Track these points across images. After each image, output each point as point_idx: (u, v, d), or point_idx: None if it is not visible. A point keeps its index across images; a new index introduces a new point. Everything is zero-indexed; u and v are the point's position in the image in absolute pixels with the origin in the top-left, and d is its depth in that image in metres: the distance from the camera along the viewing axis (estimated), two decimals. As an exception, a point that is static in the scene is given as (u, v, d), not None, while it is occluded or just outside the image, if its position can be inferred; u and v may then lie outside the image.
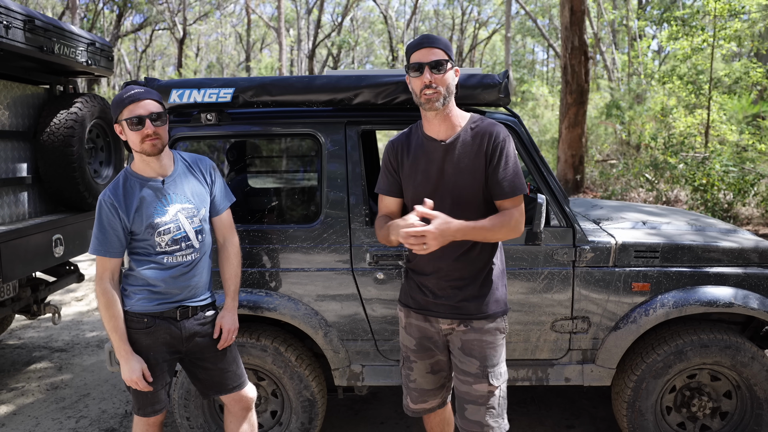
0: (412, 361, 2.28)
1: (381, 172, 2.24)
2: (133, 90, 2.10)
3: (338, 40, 32.08)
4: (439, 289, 2.15)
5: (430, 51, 1.99)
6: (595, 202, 3.81)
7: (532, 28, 29.83)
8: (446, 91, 2.01)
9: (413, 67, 2.01)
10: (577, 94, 10.78)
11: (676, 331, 2.79)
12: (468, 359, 2.15)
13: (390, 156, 2.18)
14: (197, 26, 33.51)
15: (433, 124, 2.09)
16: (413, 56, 2.02)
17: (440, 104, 2.01)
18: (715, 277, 2.73)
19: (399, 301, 2.33)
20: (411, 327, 2.26)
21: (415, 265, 2.21)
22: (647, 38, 18.15)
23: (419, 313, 2.22)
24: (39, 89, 4.14)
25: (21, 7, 3.34)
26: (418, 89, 2.01)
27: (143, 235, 2.14)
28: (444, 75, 2.00)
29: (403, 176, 2.14)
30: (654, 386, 2.76)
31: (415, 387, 2.31)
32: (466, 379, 2.16)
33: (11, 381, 4.12)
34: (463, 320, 2.15)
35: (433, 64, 1.98)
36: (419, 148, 2.11)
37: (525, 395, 3.66)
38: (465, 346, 2.15)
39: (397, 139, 2.19)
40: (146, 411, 2.26)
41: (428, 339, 2.23)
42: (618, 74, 18.42)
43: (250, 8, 29.22)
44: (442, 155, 2.07)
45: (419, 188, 2.09)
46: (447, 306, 2.15)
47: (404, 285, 2.29)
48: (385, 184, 2.20)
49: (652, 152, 10.20)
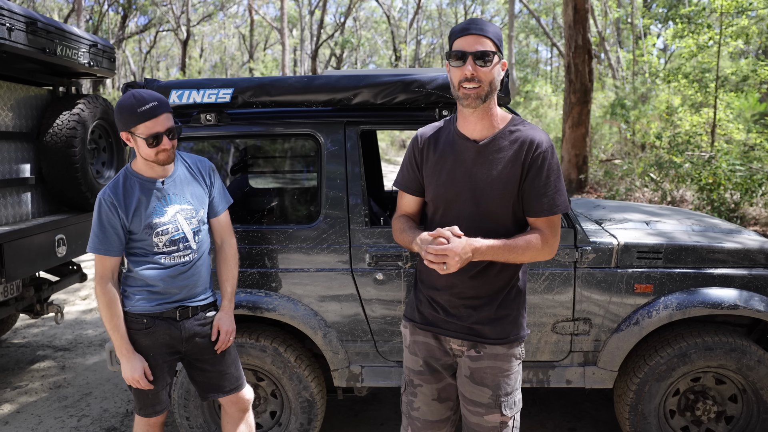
0: (416, 386, 2.02)
1: (402, 165, 2.04)
2: (147, 104, 2.02)
3: (341, 40, 32.08)
4: (451, 307, 1.93)
5: (477, 39, 1.75)
6: (597, 203, 3.79)
7: (535, 26, 29.76)
8: (489, 87, 1.78)
9: (455, 55, 1.77)
10: (581, 94, 10.74)
11: (679, 333, 2.76)
12: (479, 388, 1.93)
13: (415, 149, 1.97)
14: (201, 27, 33.59)
15: (469, 121, 1.86)
16: (456, 42, 1.77)
17: (481, 101, 1.78)
18: (720, 279, 2.71)
19: (404, 317, 2.10)
20: (417, 345, 2.02)
21: (426, 277, 1.98)
22: (652, 36, 18.07)
23: (426, 329, 1.99)
24: (42, 91, 4.15)
25: (23, 9, 3.35)
26: (456, 81, 1.78)
27: (141, 235, 2.13)
28: (490, 69, 1.76)
29: (426, 173, 1.93)
30: (657, 389, 2.73)
31: (419, 416, 2.03)
32: (477, 410, 1.94)
33: (15, 379, 4.13)
34: (474, 345, 1.93)
35: (478, 54, 1.74)
36: (449, 145, 1.90)
37: (526, 397, 3.64)
38: (475, 374, 1.93)
39: (426, 132, 1.98)
40: (147, 411, 2.26)
41: (436, 360, 1.99)
42: (623, 73, 18.34)
43: (253, 9, 29.24)
44: (474, 157, 1.86)
45: (441, 189, 1.89)
46: (459, 326, 1.93)
47: (411, 298, 2.07)
48: (404, 179, 2.01)
49: (657, 151, 10.14)
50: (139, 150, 2.10)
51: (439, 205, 1.92)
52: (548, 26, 26.29)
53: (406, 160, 2.02)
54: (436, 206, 1.93)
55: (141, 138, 2.05)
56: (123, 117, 2.06)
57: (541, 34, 29.06)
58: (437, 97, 2.64)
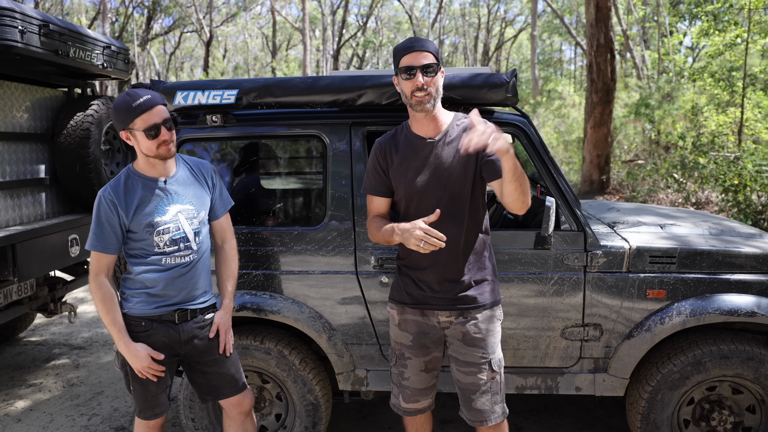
0: (407, 358, 2.30)
1: (368, 172, 2.28)
2: (141, 97, 2.06)
3: (362, 40, 32.10)
4: (437, 283, 2.19)
5: (420, 54, 2.07)
6: (611, 205, 3.70)
7: (559, 26, 29.40)
8: (436, 93, 2.10)
9: (403, 70, 2.08)
10: (603, 93, 10.56)
11: (694, 340, 2.67)
12: (470, 349, 2.20)
13: (378, 156, 2.24)
14: (224, 28, 33.93)
15: (422, 123, 2.17)
16: (403, 59, 2.08)
17: (431, 106, 2.10)
18: (737, 285, 2.61)
19: (390, 299, 2.35)
20: (407, 323, 2.28)
21: (410, 261, 2.24)
22: (678, 34, 17.70)
23: (416, 308, 2.25)
24: (57, 92, 4.20)
25: (37, 12, 3.39)
26: (408, 91, 2.09)
27: (142, 234, 2.12)
28: (434, 77, 2.09)
29: (393, 175, 2.20)
30: (670, 398, 2.65)
31: (408, 385, 2.32)
32: (470, 370, 2.20)
33: (30, 377, 4.20)
34: (462, 312, 2.20)
35: (424, 67, 2.06)
36: (408, 147, 2.19)
37: (537, 403, 3.57)
38: (466, 337, 2.20)
39: (384, 140, 2.25)
40: (147, 414, 2.26)
41: (425, 335, 2.26)
42: (648, 72, 18.00)
43: (275, 10, 29.45)
44: (431, 152, 2.15)
45: (411, 185, 2.16)
46: (446, 299, 2.20)
47: (396, 282, 2.32)
48: (374, 184, 2.25)
49: (681, 152, 9.91)
50: (140, 146, 2.10)
51: (412, 198, 2.17)
52: (572, 25, 25.94)
53: (371, 167, 2.27)
54: (409, 200, 2.19)
55: (140, 131, 2.06)
56: (120, 115, 2.07)
57: (565, 33, 28.72)
58: (443, 97, 2.59)
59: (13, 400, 3.83)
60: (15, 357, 4.60)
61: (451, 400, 3.55)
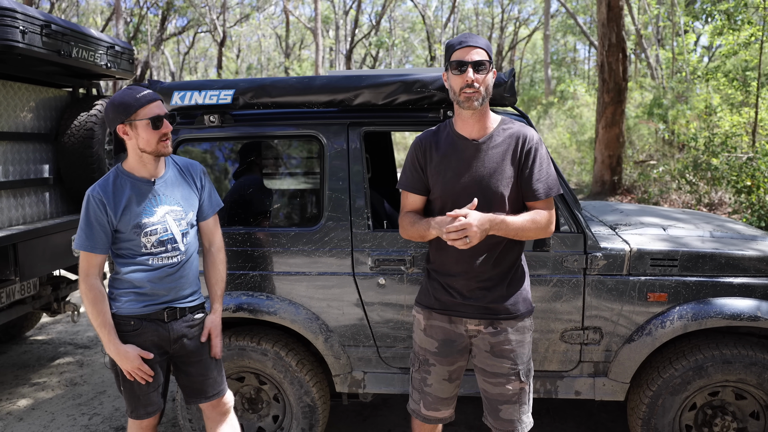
0: (431, 365, 2.22)
1: (405, 168, 2.21)
2: (144, 91, 2.10)
3: (375, 40, 32.10)
4: (467, 290, 2.13)
5: (472, 50, 2.00)
6: (615, 206, 3.64)
7: (573, 25, 29.17)
8: (485, 92, 2.03)
9: (454, 65, 2.01)
10: (615, 93, 10.45)
11: (696, 344, 2.62)
12: (499, 361, 2.14)
13: (417, 153, 2.17)
14: (238, 28, 34.09)
15: (467, 123, 2.10)
16: (455, 54, 2.02)
17: (479, 104, 2.02)
18: (740, 288, 2.55)
19: (417, 303, 2.27)
20: (433, 329, 2.21)
21: (440, 266, 2.17)
22: (692, 33, 17.44)
23: (443, 314, 2.18)
24: (62, 92, 4.23)
25: (39, 12, 3.41)
26: (457, 87, 2.01)
27: (129, 235, 2.12)
28: (485, 75, 2.01)
29: (431, 173, 2.13)
30: (671, 403, 2.60)
31: (431, 392, 2.25)
32: (498, 381, 2.15)
33: (35, 376, 4.23)
34: (492, 322, 2.14)
35: (476, 63, 1.99)
36: (449, 146, 2.12)
37: (540, 406, 3.52)
38: (495, 348, 2.14)
39: (425, 136, 2.19)
40: (139, 413, 2.25)
41: (451, 342, 2.19)
42: (662, 72, 17.78)
43: (288, 11, 29.54)
44: (474, 154, 2.08)
45: (449, 185, 2.09)
46: (476, 307, 2.13)
47: (425, 286, 2.25)
48: (410, 180, 2.19)
49: (695, 152, 9.76)
50: (140, 139, 2.09)
51: (447, 200, 2.09)
52: (586, 24, 25.71)
53: (409, 163, 2.20)
54: (444, 201, 2.10)
55: (143, 122, 2.06)
56: (122, 106, 2.07)
57: (579, 33, 28.48)
58: (441, 98, 2.57)
59: (16, 398, 3.86)
60: (21, 356, 4.64)
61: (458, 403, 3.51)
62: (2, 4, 3.14)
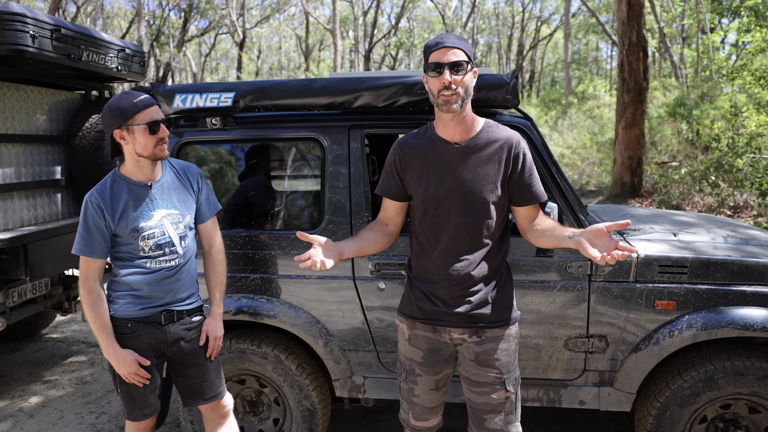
0: (417, 375, 2.16)
1: (383, 173, 2.15)
2: (141, 95, 2.11)
3: (394, 41, 32.05)
4: (450, 298, 2.05)
5: (449, 51, 1.92)
6: (625, 210, 3.55)
7: (595, 24, 28.77)
8: (465, 93, 1.94)
9: (431, 67, 1.93)
10: (635, 93, 10.26)
11: (707, 355, 2.53)
12: (484, 370, 2.07)
13: (396, 157, 2.10)
14: (258, 30, 34.33)
15: (448, 126, 2.02)
16: (432, 56, 1.94)
17: (458, 106, 1.94)
18: (753, 297, 2.46)
19: (400, 312, 2.20)
20: (417, 339, 2.14)
21: (422, 273, 2.10)
22: (720, 31, 17.04)
23: (427, 323, 2.11)
24: (74, 95, 4.28)
25: (49, 17, 3.45)
26: (435, 90, 1.94)
27: (127, 239, 2.12)
28: (463, 77, 1.93)
29: (411, 178, 2.07)
30: (679, 415, 2.52)
31: (418, 402, 2.19)
32: (483, 390, 2.08)
33: (47, 373, 4.29)
34: (476, 330, 2.07)
35: (452, 64, 1.91)
36: (431, 150, 2.05)
37: (546, 414, 3.46)
38: (480, 357, 2.07)
39: (404, 141, 2.11)
40: (135, 415, 2.25)
41: (437, 352, 2.12)
42: (686, 71, 17.41)
43: (308, 12, 29.66)
44: (457, 158, 2.02)
45: (431, 190, 2.03)
46: (459, 315, 2.05)
47: (407, 294, 2.17)
48: (384, 185, 2.14)
49: (718, 153, 9.53)
50: (137, 144, 2.10)
51: (429, 205, 2.04)
52: (608, 23, 25.33)
53: (386, 167, 2.14)
54: (426, 206, 2.05)
55: (140, 127, 2.07)
56: (119, 111, 2.07)
57: (601, 32, 28.07)
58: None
59: (27, 395, 3.92)
60: (35, 353, 4.71)
61: (457, 409, 3.47)
62: (13, 10, 3.19)
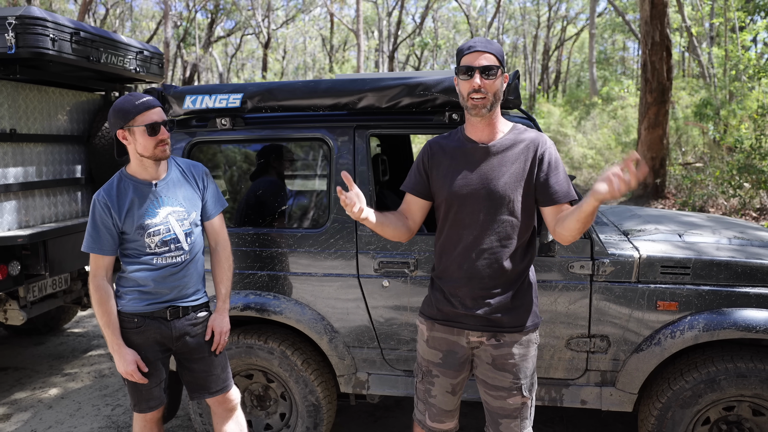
0: (434, 376, 2.18)
1: (411, 170, 2.20)
2: (143, 97, 2.18)
3: (418, 41, 32.04)
4: (470, 299, 2.06)
5: (481, 55, 1.96)
6: (634, 211, 3.53)
7: (621, 23, 28.35)
8: (494, 98, 1.99)
9: (462, 70, 1.98)
10: (658, 93, 10.11)
11: (709, 356, 2.52)
12: (501, 374, 2.08)
13: (425, 156, 2.16)
14: (284, 30, 34.66)
15: (476, 128, 2.07)
16: (464, 59, 1.99)
17: (487, 110, 1.99)
18: (757, 299, 2.44)
19: (421, 313, 2.23)
20: (436, 340, 2.16)
21: (444, 272, 2.12)
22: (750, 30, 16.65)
23: (446, 325, 2.13)
24: (95, 96, 4.41)
25: (69, 21, 3.57)
26: (465, 92, 1.99)
27: (133, 236, 2.20)
28: (494, 81, 1.97)
29: (438, 177, 2.11)
30: (681, 416, 2.51)
31: (435, 403, 2.20)
32: (499, 394, 2.10)
33: (67, 366, 4.43)
34: (494, 334, 2.07)
35: (483, 68, 1.95)
36: (459, 150, 2.10)
37: (553, 414, 3.46)
38: (497, 361, 2.08)
39: (435, 140, 2.18)
40: (141, 407, 2.33)
41: (454, 354, 2.13)
42: (713, 71, 17.06)
43: (332, 13, 29.84)
44: (484, 158, 2.06)
45: (456, 188, 2.06)
46: (478, 318, 2.06)
47: (429, 296, 2.21)
48: (411, 182, 2.19)
49: (742, 155, 9.33)
50: (138, 145, 2.17)
51: (453, 202, 2.07)
52: (634, 22, 24.94)
53: (415, 165, 2.20)
54: (450, 204, 2.08)
55: (140, 128, 2.14)
56: (121, 113, 2.15)
57: (627, 31, 27.65)
58: (444, 101, 2.56)
59: (48, 387, 4.05)
60: (57, 347, 4.86)
61: (466, 408, 3.48)
62: (34, 14, 3.31)
